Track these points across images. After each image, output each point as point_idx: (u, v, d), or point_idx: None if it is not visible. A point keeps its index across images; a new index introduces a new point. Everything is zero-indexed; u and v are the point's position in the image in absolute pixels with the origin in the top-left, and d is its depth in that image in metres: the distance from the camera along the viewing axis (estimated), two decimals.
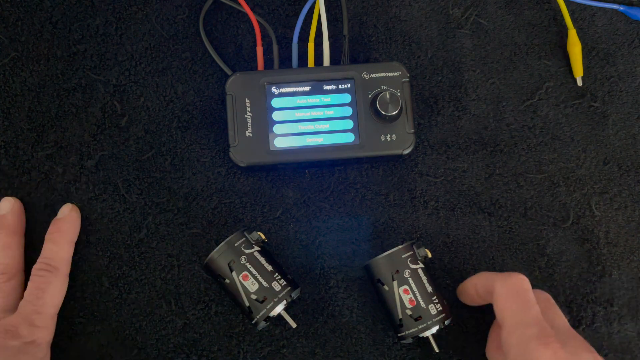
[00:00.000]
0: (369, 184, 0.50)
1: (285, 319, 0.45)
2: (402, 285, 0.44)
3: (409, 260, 0.45)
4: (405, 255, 0.45)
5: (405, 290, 0.44)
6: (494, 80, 0.52)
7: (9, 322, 0.44)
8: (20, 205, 0.48)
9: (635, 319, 0.49)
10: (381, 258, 0.45)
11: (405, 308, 0.44)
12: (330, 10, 0.53)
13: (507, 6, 0.53)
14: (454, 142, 0.51)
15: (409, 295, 0.44)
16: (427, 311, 0.44)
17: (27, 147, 0.50)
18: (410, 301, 0.44)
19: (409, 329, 0.44)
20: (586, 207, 0.51)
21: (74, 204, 0.49)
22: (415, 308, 0.44)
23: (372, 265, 0.45)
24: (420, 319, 0.44)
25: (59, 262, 0.46)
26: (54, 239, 0.47)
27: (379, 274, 0.45)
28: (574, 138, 0.52)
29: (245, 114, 0.48)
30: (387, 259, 0.44)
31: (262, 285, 0.43)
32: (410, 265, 0.44)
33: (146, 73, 0.51)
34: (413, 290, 0.44)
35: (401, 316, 0.44)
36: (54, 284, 0.45)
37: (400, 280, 0.44)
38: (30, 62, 0.51)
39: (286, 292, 0.44)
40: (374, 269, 0.45)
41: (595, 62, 0.53)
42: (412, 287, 0.44)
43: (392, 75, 0.48)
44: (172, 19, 0.52)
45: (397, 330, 0.45)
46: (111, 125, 0.50)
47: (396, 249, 0.45)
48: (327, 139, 0.48)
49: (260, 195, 0.50)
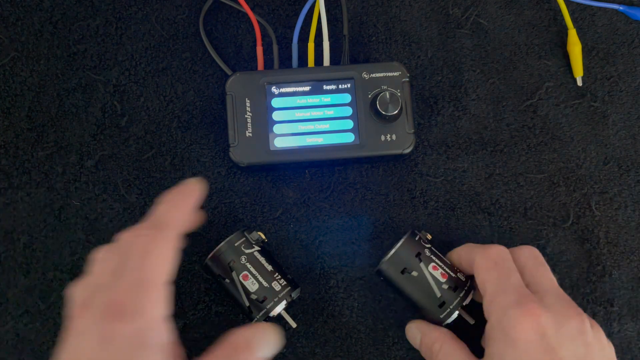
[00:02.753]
0: (369, 184, 0.50)
1: (285, 318, 0.45)
2: (428, 265, 0.44)
3: (422, 241, 0.45)
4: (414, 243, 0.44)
5: (434, 267, 0.44)
6: (494, 80, 0.52)
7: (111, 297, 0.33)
8: None
9: (635, 319, 0.49)
10: (399, 248, 0.44)
11: (442, 284, 0.43)
12: (330, 10, 0.53)
13: (507, 6, 0.53)
14: (454, 142, 0.51)
15: (438, 271, 0.43)
16: (458, 279, 0.44)
17: (27, 147, 0.50)
18: (443, 275, 0.43)
19: (452, 301, 0.43)
20: (586, 207, 0.51)
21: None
22: (448, 280, 0.43)
23: (391, 260, 0.44)
24: (458, 288, 0.43)
25: (168, 223, 0.37)
26: (168, 200, 0.38)
27: (401, 265, 0.44)
28: (574, 138, 0.52)
29: (245, 113, 0.48)
30: (405, 247, 0.44)
31: (262, 285, 0.43)
32: (425, 245, 0.44)
33: (146, 73, 0.51)
34: (439, 264, 0.44)
35: (440, 293, 0.43)
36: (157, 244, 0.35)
37: (425, 260, 0.44)
38: (30, 62, 0.51)
39: (286, 292, 0.44)
40: (394, 262, 0.44)
41: (595, 62, 0.53)
42: (437, 262, 0.44)
43: (392, 75, 0.48)
44: (172, 19, 0.52)
45: (439, 310, 0.43)
46: (111, 125, 0.50)
47: (402, 241, 0.44)
48: (327, 139, 0.48)
49: (260, 195, 0.50)
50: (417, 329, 0.45)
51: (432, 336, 0.43)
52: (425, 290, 0.43)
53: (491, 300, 0.39)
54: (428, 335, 0.43)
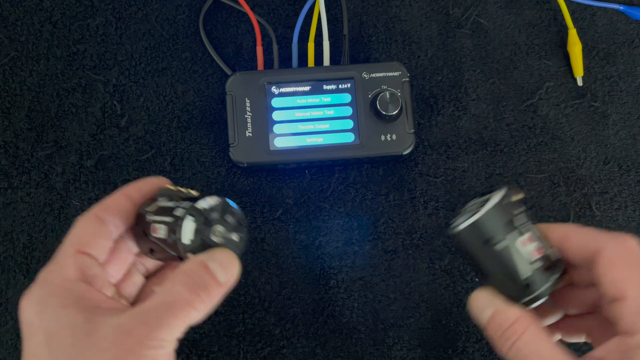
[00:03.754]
0: (369, 184, 0.50)
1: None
2: (521, 235, 0.34)
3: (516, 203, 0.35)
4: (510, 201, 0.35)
5: (529, 239, 0.34)
6: (494, 80, 0.52)
7: None
8: None
9: None
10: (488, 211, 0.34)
11: (532, 262, 0.34)
12: (330, 10, 0.53)
13: (507, 6, 0.53)
14: (454, 142, 0.51)
15: (531, 245, 0.34)
16: (554, 257, 0.35)
17: (26, 146, 0.50)
18: (538, 250, 0.34)
19: (541, 284, 0.34)
20: (586, 207, 0.51)
21: None
22: (542, 258, 0.34)
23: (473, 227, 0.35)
24: (551, 269, 0.34)
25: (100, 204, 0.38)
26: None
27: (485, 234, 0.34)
28: (574, 138, 0.52)
29: (245, 113, 0.48)
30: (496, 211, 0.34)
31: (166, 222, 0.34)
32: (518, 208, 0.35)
33: (146, 73, 0.51)
34: (535, 235, 0.35)
35: (529, 274, 0.34)
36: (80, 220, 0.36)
37: (519, 229, 0.34)
38: (30, 62, 0.51)
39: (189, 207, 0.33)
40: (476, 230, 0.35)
41: (596, 62, 0.53)
42: (532, 232, 0.34)
43: (392, 75, 0.48)
44: (172, 19, 0.52)
45: (524, 294, 0.34)
46: (111, 125, 0.50)
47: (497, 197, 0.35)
48: (327, 139, 0.48)
49: (260, 195, 0.50)
50: (489, 301, 0.35)
51: (511, 315, 0.34)
52: (511, 268, 0.34)
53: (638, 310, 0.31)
54: (505, 313, 0.34)
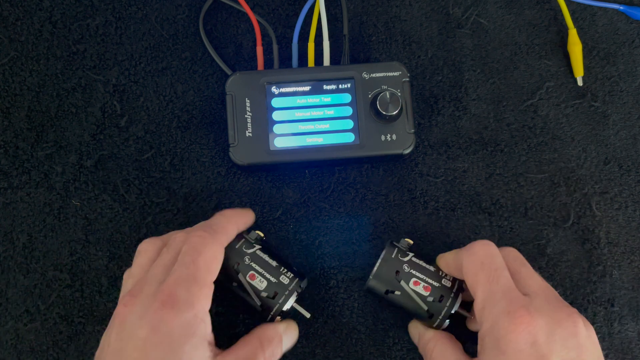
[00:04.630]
0: (369, 184, 0.50)
1: (298, 310, 0.45)
2: (409, 281, 0.44)
3: (400, 255, 0.44)
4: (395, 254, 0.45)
5: (415, 282, 0.44)
6: (494, 80, 0.52)
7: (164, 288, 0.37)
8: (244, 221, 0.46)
9: (635, 319, 0.49)
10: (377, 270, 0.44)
11: (426, 298, 0.44)
12: (330, 10, 0.53)
13: (507, 6, 0.53)
14: (454, 142, 0.51)
15: (420, 285, 0.44)
16: (443, 287, 0.44)
17: (26, 146, 0.50)
18: (425, 289, 0.44)
19: (440, 312, 0.43)
20: (587, 207, 0.51)
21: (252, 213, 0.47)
22: (432, 292, 0.43)
23: (373, 282, 0.44)
24: (444, 297, 0.43)
25: (221, 229, 0.42)
26: (225, 213, 0.44)
27: (384, 285, 0.44)
28: (574, 138, 0.52)
29: (245, 113, 0.48)
30: (384, 266, 0.44)
31: (270, 281, 0.43)
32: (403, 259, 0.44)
33: (146, 73, 0.51)
34: (420, 277, 0.44)
35: (427, 307, 0.44)
36: (210, 246, 0.40)
37: (405, 277, 0.44)
38: (30, 62, 0.51)
39: (295, 283, 0.44)
40: (377, 284, 0.44)
41: (596, 62, 0.53)
42: (417, 276, 0.44)
43: (392, 75, 0.48)
44: (172, 19, 0.52)
45: (430, 321, 0.44)
46: (111, 125, 0.50)
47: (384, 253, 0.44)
48: (327, 139, 0.48)
49: (260, 195, 0.50)
50: (415, 329, 0.46)
51: (427, 336, 0.45)
52: (413, 306, 0.44)
53: (482, 307, 0.39)
54: (424, 336, 0.45)
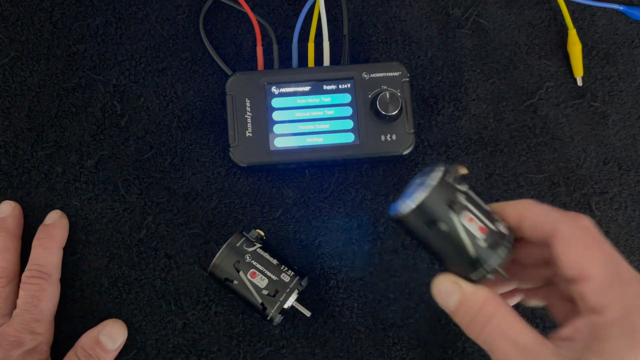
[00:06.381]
0: (369, 184, 0.50)
1: (298, 309, 0.45)
2: (463, 215, 0.34)
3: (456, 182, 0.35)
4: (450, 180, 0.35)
5: (470, 219, 0.34)
6: (494, 80, 0.52)
7: (10, 332, 0.43)
8: (20, 210, 0.48)
9: None
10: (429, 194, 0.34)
11: (478, 240, 0.34)
12: (330, 10, 0.53)
13: (507, 6, 0.53)
14: (454, 142, 0.51)
15: (474, 223, 0.34)
16: (500, 233, 0.35)
17: (27, 147, 0.50)
18: (481, 229, 0.34)
19: (487, 261, 0.34)
20: (586, 207, 0.51)
21: (61, 211, 0.49)
22: (488, 235, 0.34)
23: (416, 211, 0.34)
24: (498, 246, 0.35)
25: (51, 269, 0.46)
26: (44, 244, 0.46)
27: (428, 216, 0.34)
28: (574, 138, 0.52)
29: (245, 114, 0.48)
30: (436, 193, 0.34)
31: (271, 279, 0.43)
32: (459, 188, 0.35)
33: (146, 73, 0.51)
34: (476, 214, 0.35)
35: (475, 252, 0.34)
36: (47, 290, 0.45)
37: (459, 210, 0.34)
38: (30, 62, 0.51)
39: (296, 281, 0.44)
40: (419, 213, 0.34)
41: (596, 62, 0.53)
42: (474, 212, 0.34)
43: (392, 75, 0.48)
44: (172, 19, 0.52)
45: (471, 270, 0.35)
46: (111, 125, 0.50)
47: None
48: (327, 139, 0.48)
49: (260, 195, 0.50)
50: (454, 287, 0.34)
51: (480, 298, 0.33)
52: (456, 247, 0.34)
53: (606, 289, 0.31)
54: (473, 296, 0.33)
